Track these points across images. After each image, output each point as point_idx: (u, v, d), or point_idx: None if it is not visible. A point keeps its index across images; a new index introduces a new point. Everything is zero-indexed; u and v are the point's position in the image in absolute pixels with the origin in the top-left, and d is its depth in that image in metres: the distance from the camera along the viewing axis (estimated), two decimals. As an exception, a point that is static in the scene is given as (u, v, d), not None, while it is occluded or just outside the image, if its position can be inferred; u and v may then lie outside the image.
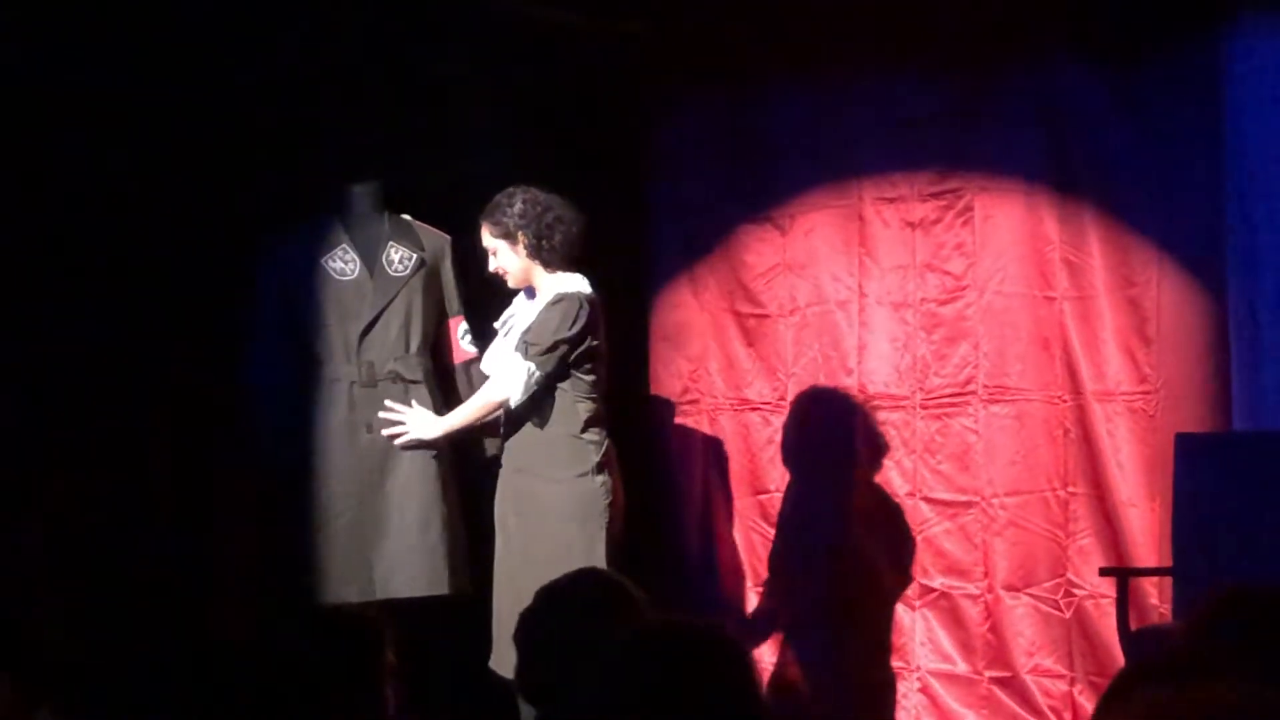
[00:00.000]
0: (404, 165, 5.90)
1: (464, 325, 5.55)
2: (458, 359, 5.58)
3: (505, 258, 5.34)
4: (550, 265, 5.35)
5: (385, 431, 5.31)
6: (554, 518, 5.24)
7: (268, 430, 5.42)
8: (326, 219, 5.50)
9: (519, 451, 5.31)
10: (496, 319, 5.51)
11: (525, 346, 5.26)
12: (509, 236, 5.32)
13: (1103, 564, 6.00)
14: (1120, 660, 5.59)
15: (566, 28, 6.72)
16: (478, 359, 5.52)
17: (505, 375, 5.28)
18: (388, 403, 5.35)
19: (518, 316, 5.40)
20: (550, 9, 6.62)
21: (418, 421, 5.34)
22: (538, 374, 5.24)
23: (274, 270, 5.47)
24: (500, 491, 5.34)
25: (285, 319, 5.44)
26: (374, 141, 5.96)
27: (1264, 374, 5.92)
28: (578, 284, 5.35)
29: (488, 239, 5.36)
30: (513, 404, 5.27)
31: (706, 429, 6.85)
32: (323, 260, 5.43)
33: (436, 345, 5.54)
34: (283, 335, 5.44)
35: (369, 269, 5.44)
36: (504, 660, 5.05)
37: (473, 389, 5.48)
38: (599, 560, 5.18)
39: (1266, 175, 5.86)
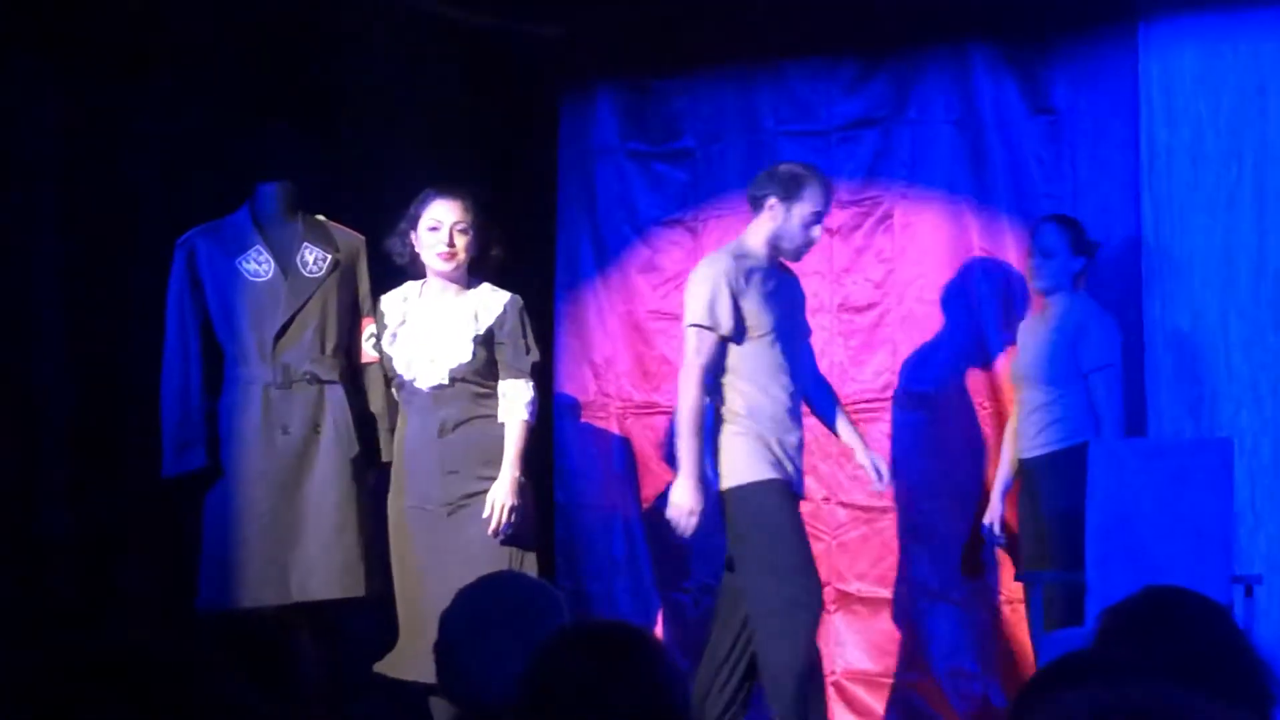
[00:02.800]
0: (318, 166, 5.88)
1: (371, 327, 5.51)
2: (364, 360, 5.54)
3: (470, 244, 5.33)
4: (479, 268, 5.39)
5: (491, 530, 5.19)
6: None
7: (179, 434, 5.37)
8: (240, 220, 5.45)
9: (451, 455, 5.29)
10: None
11: (525, 363, 5.32)
12: (484, 229, 5.34)
13: (1021, 569, 6.05)
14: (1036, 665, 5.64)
15: (480, 30, 6.71)
16: (377, 363, 5.48)
17: (524, 398, 5.31)
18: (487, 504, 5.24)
19: (439, 313, 5.35)
20: (463, 11, 6.61)
21: (502, 494, 5.22)
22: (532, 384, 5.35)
23: (187, 271, 5.41)
24: (422, 493, 5.30)
25: (199, 320, 5.39)
26: (288, 142, 5.92)
27: (1163, 379, 6.01)
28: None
29: (461, 214, 5.32)
30: (530, 423, 5.32)
31: (615, 431, 6.85)
32: (237, 261, 5.39)
33: (351, 346, 5.50)
34: (196, 337, 5.39)
35: (283, 270, 5.40)
36: (410, 663, 5.05)
37: (379, 391, 5.46)
38: (530, 562, 5.20)
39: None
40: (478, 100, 6.68)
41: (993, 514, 6.10)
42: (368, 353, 5.51)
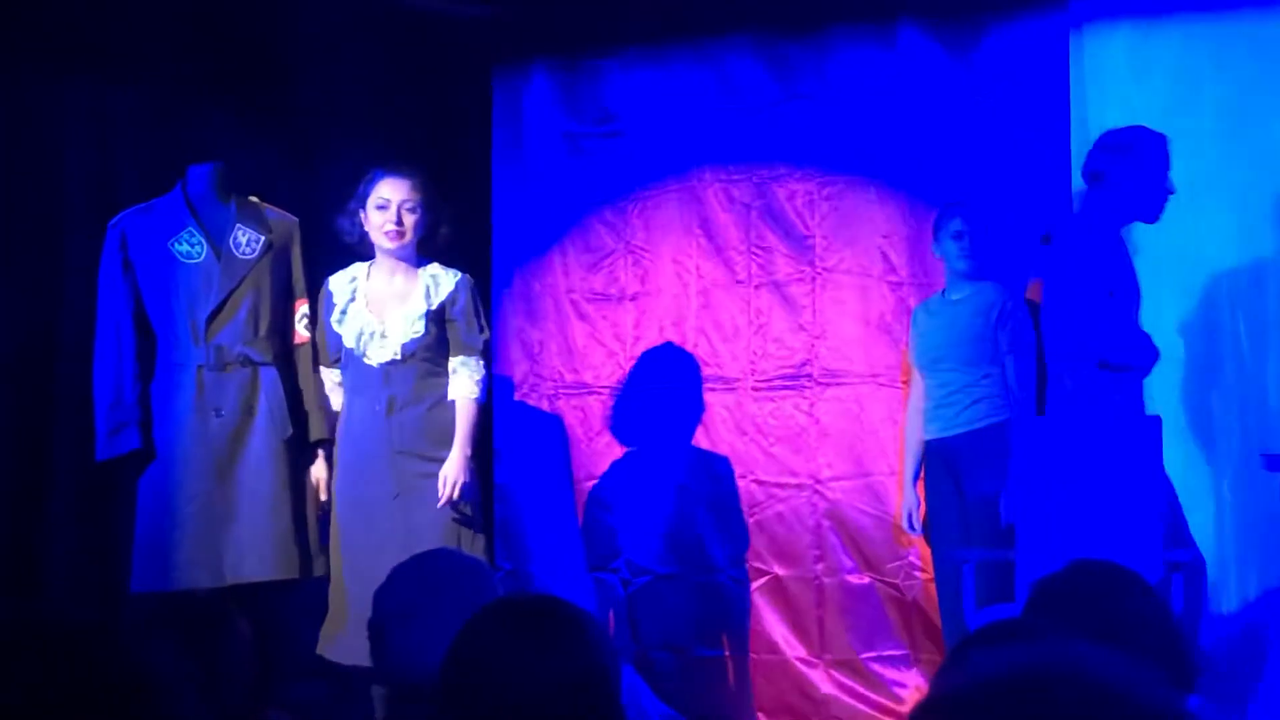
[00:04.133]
0: (252, 147, 5.85)
1: (304, 309, 5.49)
2: (296, 341, 5.53)
3: (418, 223, 5.33)
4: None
5: (442, 503, 5.23)
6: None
7: (112, 417, 5.34)
8: (172, 201, 5.43)
9: (400, 434, 5.28)
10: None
11: (477, 341, 5.35)
12: (432, 207, 5.36)
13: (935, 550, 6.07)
14: (964, 642, 5.68)
15: (414, 10, 6.69)
16: (308, 343, 5.47)
17: (475, 376, 5.33)
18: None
19: (390, 290, 5.35)
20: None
21: (455, 471, 5.25)
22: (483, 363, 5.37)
23: (118, 253, 5.39)
24: (369, 473, 5.29)
25: (131, 303, 5.36)
26: (221, 122, 5.90)
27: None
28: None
29: (409, 192, 5.32)
30: (480, 402, 5.34)
31: (546, 410, 6.86)
32: (169, 243, 5.36)
33: (285, 327, 5.49)
34: (129, 320, 5.36)
35: (216, 252, 5.38)
36: (354, 646, 5.04)
37: (307, 374, 5.46)
38: (479, 544, 5.24)
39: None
40: (413, 81, 6.66)
41: (908, 503, 6.08)
42: (301, 334, 5.49)
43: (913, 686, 6.19)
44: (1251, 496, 5.71)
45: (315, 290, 5.57)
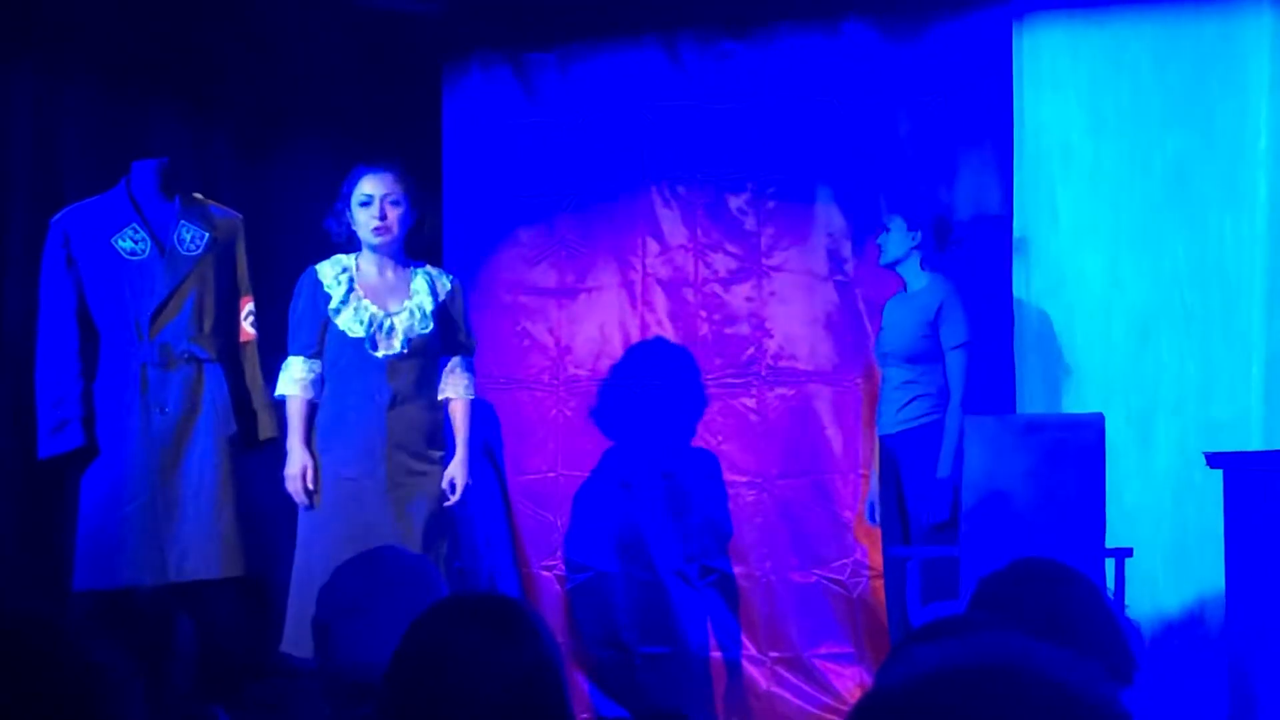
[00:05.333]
0: (197, 143, 5.83)
1: (250, 305, 5.46)
2: (242, 338, 5.50)
3: (403, 216, 5.31)
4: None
5: (450, 503, 5.33)
6: (433, 498, 5.28)
7: (55, 413, 5.31)
8: (116, 198, 5.40)
9: (400, 429, 5.26)
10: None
11: (471, 342, 5.43)
12: (416, 198, 5.35)
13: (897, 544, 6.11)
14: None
15: (363, 6, 6.68)
16: (254, 341, 5.45)
17: (468, 377, 5.41)
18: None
19: (393, 284, 5.33)
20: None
21: (462, 473, 5.32)
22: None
23: (61, 250, 5.35)
24: (362, 466, 5.22)
25: (74, 300, 5.33)
26: (166, 118, 5.87)
27: (1031, 358, 6.11)
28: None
29: (391, 186, 5.29)
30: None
31: (488, 403, 6.84)
32: (112, 240, 5.33)
33: (230, 325, 5.46)
34: (72, 316, 5.32)
35: (160, 248, 5.35)
36: (301, 640, 5.01)
37: (254, 371, 5.43)
38: (446, 543, 5.25)
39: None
40: (363, 78, 6.65)
41: (871, 495, 6.11)
42: (247, 331, 5.47)
43: (856, 684, 6.21)
44: (1192, 494, 5.76)
45: (260, 287, 5.54)
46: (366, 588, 3.11)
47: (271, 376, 5.37)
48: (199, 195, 5.51)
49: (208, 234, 5.41)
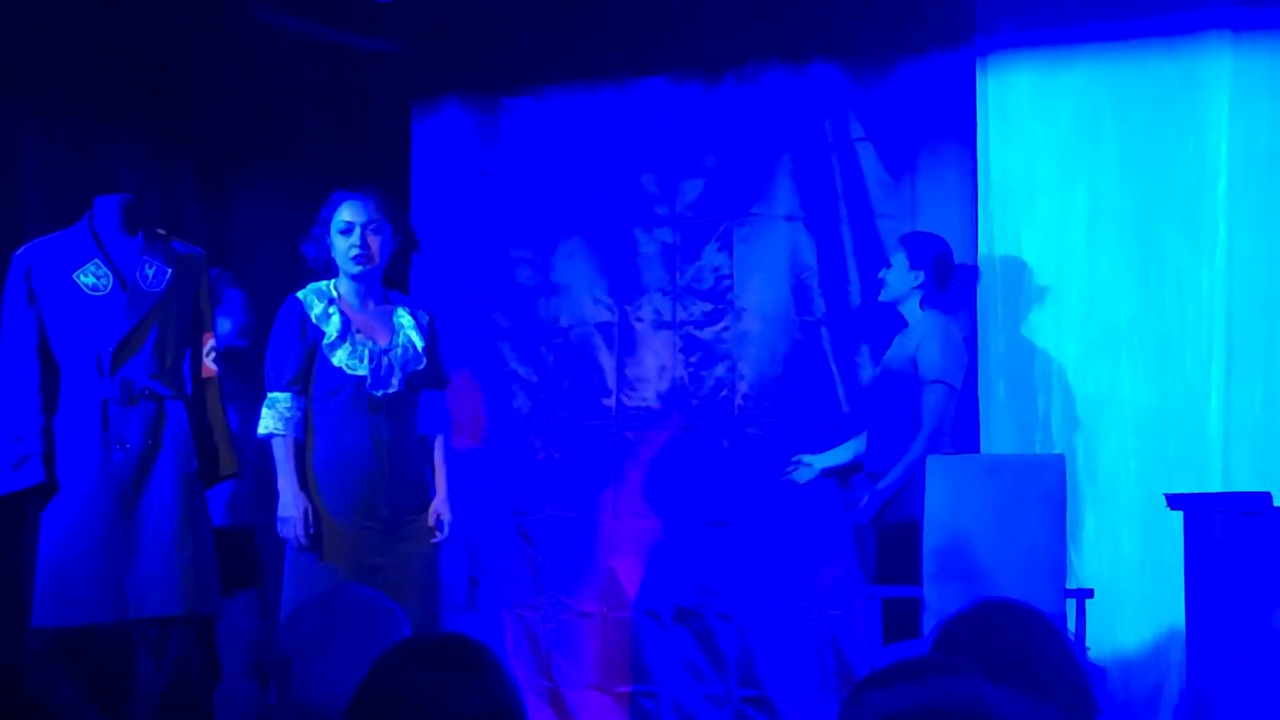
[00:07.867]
0: (161, 179, 5.82)
1: (212, 342, 5.44)
2: (204, 374, 5.47)
3: (384, 244, 5.27)
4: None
5: (438, 539, 5.29)
6: (428, 536, 5.27)
7: (15, 449, 5.27)
8: (79, 233, 5.37)
9: (401, 467, 5.24)
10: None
11: (447, 378, 5.42)
12: (397, 226, 5.31)
13: (861, 584, 6.12)
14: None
15: (331, 45, 6.69)
16: (216, 377, 5.41)
17: (445, 411, 5.40)
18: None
19: (382, 320, 5.30)
20: (314, 26, 6.59)
21: (446, 508, 5.28)
22: None
23: (23, 284, 5.32)
24: (366, 506, 5.19)
25: (35, 335, 5.30)
26: (130, 154, 5.86)
27: (995, 396, 6.13)
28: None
29: (373, 213, 5.24)
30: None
31: (470, 448, 6.84)
32: (74, 275, 5.31)
33: (192, 360, 5.44)
34: (33, 351, 5.30)
35: (122, 284, 5.33)
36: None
37: (216, 407, 5.40)
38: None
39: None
40: (331, 116, 6.65)
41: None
42: (209, 367, 5.45)
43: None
44: (1152, 535, 5.78)
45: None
46: (328, 626, 3.10)
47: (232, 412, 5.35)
48: (162, 231, 5.49)
49: (170, 270, 5.39)
